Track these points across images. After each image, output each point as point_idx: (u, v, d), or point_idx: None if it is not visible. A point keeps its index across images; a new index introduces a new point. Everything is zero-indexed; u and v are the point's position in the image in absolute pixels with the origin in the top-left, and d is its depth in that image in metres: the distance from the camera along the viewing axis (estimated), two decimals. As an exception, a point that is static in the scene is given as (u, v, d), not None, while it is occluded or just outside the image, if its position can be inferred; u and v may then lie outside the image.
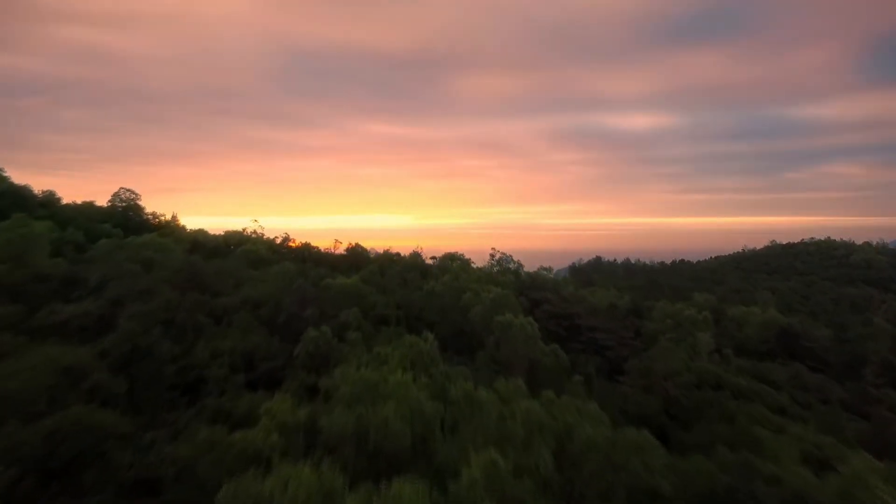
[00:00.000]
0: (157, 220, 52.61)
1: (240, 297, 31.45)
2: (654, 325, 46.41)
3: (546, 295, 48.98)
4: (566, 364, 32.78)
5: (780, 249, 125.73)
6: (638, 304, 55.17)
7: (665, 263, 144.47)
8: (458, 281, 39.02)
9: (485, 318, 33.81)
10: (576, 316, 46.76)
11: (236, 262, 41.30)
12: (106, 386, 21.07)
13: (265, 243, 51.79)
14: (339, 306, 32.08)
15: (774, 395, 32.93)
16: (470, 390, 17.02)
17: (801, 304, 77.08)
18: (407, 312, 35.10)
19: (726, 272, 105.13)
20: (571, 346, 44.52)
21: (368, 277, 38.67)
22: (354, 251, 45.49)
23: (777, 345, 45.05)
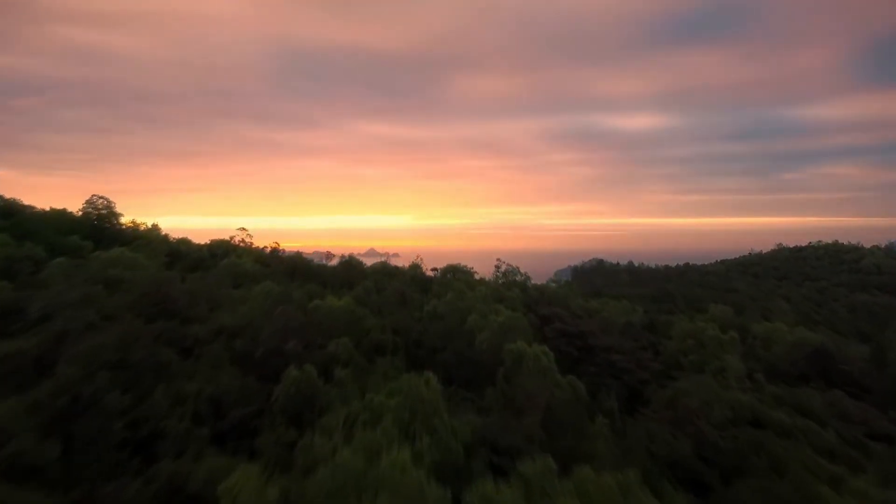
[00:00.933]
0: (137, 228, 48.30)
1: (214, 325, 27.21)
2: (673, 345, 42.21)
3: (556, 311, 44.82)
4: (585, 399, 28.66)
5: (788, 253, 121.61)
6: (653, 318, 50.98)
7: (669, 267, 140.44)
8: (463, 300, 34.79)
9: (493, 346, 29.63)
10: (589, 335, 42.64)
11: (218, 278, 37.04)
12: (32, 452, 16.89)
13: (253, 253, 47.55)
14: (328, 334, 27.88)
15: (821, 434, 28.89)
16: (490, 495, 12.78)
17: (816, 312, 73.01)
18: (405, 338, 30.90)
19: (734, 277, 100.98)
20: (585, 368, 40.32)
21: (362, 296, 34.46)
22: (348, 264, 41.24)
23: (809, 367, 40.90)
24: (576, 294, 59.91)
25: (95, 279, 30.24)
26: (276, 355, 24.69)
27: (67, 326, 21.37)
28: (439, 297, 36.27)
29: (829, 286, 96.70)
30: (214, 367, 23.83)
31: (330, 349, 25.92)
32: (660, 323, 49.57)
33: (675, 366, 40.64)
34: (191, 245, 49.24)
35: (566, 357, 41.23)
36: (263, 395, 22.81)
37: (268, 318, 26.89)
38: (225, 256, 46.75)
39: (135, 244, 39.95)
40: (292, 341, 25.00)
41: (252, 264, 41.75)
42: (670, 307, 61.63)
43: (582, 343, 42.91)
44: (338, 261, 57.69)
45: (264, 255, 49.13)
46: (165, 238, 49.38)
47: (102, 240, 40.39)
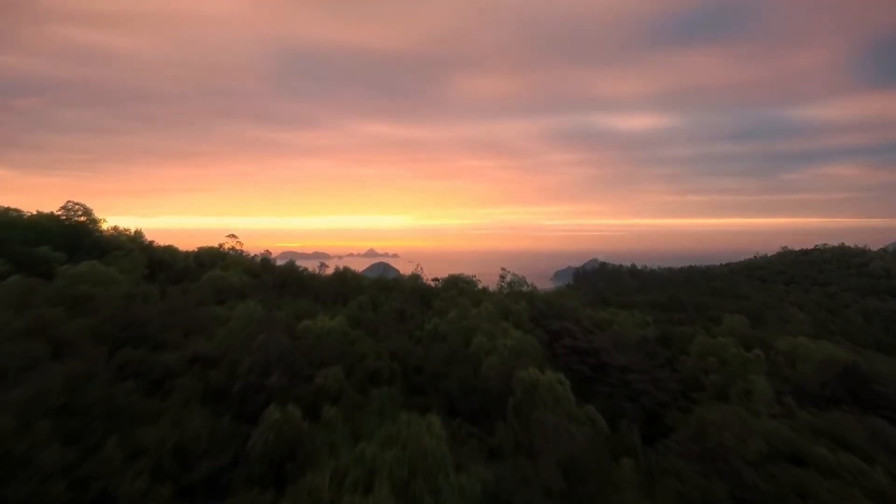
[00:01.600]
0: (120, 235, 44.90)
1: (188, 353, 23.88)
2: (692, 362, 38.93)
3: (566, 325, 41.59)
4: (606, 432, 25.43)
5: (794, 256, 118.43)
6: (667, 331, 47.74)
7: (673, 270, 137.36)
8: (467, 318, 31.50)
9: (502, 373, 26.35)
10: (602, 352, 39.46)
11: (200, 293, 33.70)
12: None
13: (243, 263, 44.19)
14: (317, 362, 24.59)
15: (870, 473, 25.74)
16: None
17: (831, 321, 69.84)
18: (404, 363, 27.59)
19: (741, 281, 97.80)
20: (599, 389, 37.08)
21: (357, 314, 31.16)
22: (343, 276, 37.84)
23: (840, 388, 37.71)
24: (583, 304, 56.64)
25: (57, 299, 26.93)
26: (256, 391, 21.40)
27: (4, 364, 18.04)
28: (441, 314, 32.97)
29: (839, 291, 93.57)
30: (184, 406, 20.50)
31: (318, 381, 22.62)
32: (675, 336, 46.34)
33: (694, 386, 37.41)
34: (176, 254, 45.89)
35: (578, 376, 37.96)
36: (239, 440, 19.51)
37: (249, 344, 23.57)
38: (212, 266, 43.42)
39: (112, 255, 36.57)
40: (275, 374, 21.70)
41: (240, 276, 38.40)
42: (682, 317, 58.43)
43: (595, 361, 39.65)
44: (334, 266, 54.65)
45: (255, 263, 45.79)
46: (150, 246, 46.00)
47: (79, 250, 37.03)
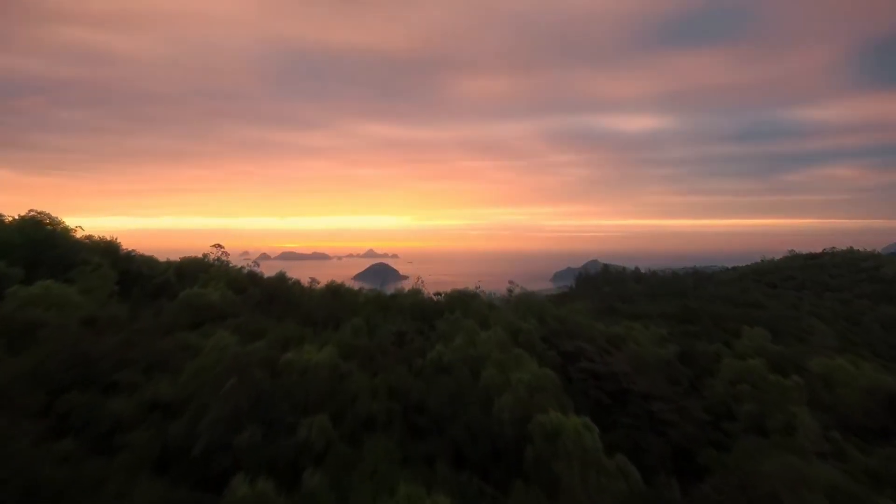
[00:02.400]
0: (94, 246, 40.78)
1: (146, 397, 19.86)
2: (721, 387, 34.97)
3: (581, 346, 37.68)
4: (641, 488, 21.54)
5: (803, 261, 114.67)
6: (687, 348, 43.81)
7: (678, 274, 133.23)
8: (475, 345, 27.53)
9: (518, 415, 22.40)
10: (622, 376, 35.60)
11: (173, 316, 29.67)
12: None
13: (227, 276, 40.14)
14: (301, 404, 20.60)
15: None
16: None
17: (852, 332, 65.98)
18: (404, 402, 23.59)
19: (752, 287, 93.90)
20: (620, 419, 33.07)
21: (350, 341, 27.17)
22: (336, 292, 33.74)
23: (888, 418, 33.94)
24: (591, 311, 52.66)
25: (6, 328, 22.94)
26: (222, 451, 17.40)
27: None
28: (445, 339, 28.97)
29: (853, 298, 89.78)
30: (133, 472, 16.48)
31: (300, 434, 18.61)
32: (696, 354, 42.47)
33: (725, 414, 33.58)
34: (155, 266, 41.84)
35: (596, 404, 34.06)
36: (198, 519, 15.58)
37: (220, 386, 19.55)
38: (194, 280, 39.38)
39: (78, 270, 32.50)
40: (247, 429, 17.70)
41: (223, 292, 34.36)
42: (697, 329, 54.50)
43: (614, 386, 35.63)
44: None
45: (240, 277, 41.75)
46: (127, 256, 41.90)
47: (40, 265, 32.98)
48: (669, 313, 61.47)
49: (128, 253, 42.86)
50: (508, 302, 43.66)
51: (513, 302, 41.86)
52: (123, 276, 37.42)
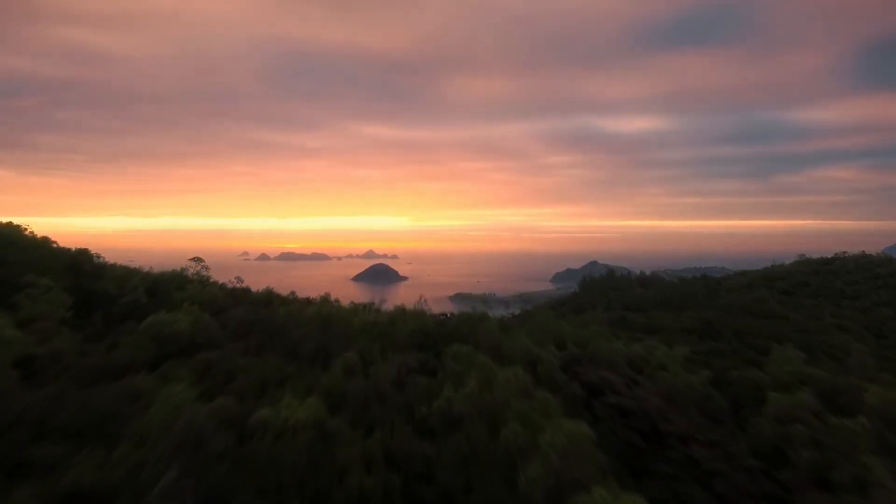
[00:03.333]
0: (54, 256, 35.71)
1: (64, 484, 14.81)
2: (770, 429, 30.03)
3: (606, 376, 32.78)
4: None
5: (815, 266, 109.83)
6: (722, 376, 38.90)
7: (685, 279, 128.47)
8: (491, 389, 22.55)
9: (552, 492, 17.50)
10: (656, 414, 30.67)
11: (133, 350, 24.62)
12: None
13: (204, 295, 35.11)
14: (272, 488, 15.62)
15: None
16: None
17: (882, 347, 61.18)
18: (405, 470, 18.62)
19: (766, 295, 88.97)
20: (658, 467, 28.21)
21: (341, 385, 22.21)
22: (327, 321, 28.45)
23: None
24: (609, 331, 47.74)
25: None
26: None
27: None
28: (454, 379, 24.01)
29: (872, 306, 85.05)
30: None
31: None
32: (732, 382, 37.63)
33: (778, 461, 28.73)
34: (125, 282, 36.80)
35: (627, 447, 29.16)
36: None
37: (162, 466, 14.53)
38: (168, 299, 34.40)
39: (24, 294, 27.41)
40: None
41: (195, 317, 29.30)
42: (723, 348, 49.69)
43: (647, 426, 30.76)
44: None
45: (222, 294, 36.74)
46: (95, 270, 36.84)
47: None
48: (688, 327, 56.68)
49: (96, 267, 37.85)
50: (521, 321, 38.71)
51: (527, 323, 36.91)
52: (85, 297, 32.43)
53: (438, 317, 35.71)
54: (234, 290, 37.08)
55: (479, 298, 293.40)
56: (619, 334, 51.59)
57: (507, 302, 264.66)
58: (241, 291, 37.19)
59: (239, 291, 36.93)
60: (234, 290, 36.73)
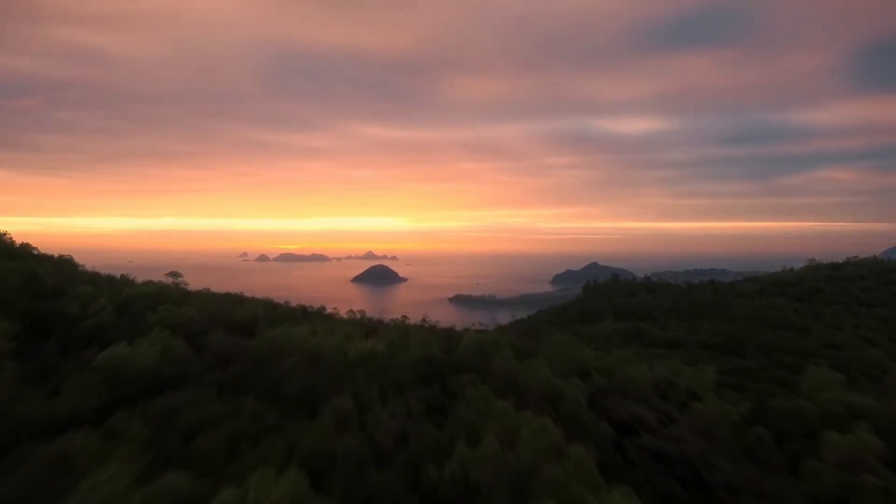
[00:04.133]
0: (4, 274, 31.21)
1: None
2: (832, 478, 25.66)
3: (638, 412, 28.45)
4: None
5: (827, 271, 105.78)
6: (762, 406, 34.59)
7: (692, 284, 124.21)
8: (514, 447, 18.18)
9: None
10: (698, 460, 26.32)
11: (79, 394, 20.16)
12: None
13: (183, 316, 30.66)
14: None
15: None
16: None
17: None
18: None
19: (781, 303, 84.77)
20: (703, 528, 23.99)
21: (329, 447, 17.82)
22: (314, 360, 23.63)
23: None
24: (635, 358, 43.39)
25: None
26: None
27: None
28: (469, 432, 19.61)
29: (891, 315, 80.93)
30: None
31: None
32: (775, 414, 33.31)
33: (843, 516, 24.52)
34: (95, 297, 32.38)
35: (666, 499, 24.94)
36: None
37: None
38: (139, 321, 30.01)
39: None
40: None
41: (163, 347, 24.86)
42: (751, 367, 45.44)
43: (688, 473, 26.51)
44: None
45: (205, 310, 32.32)
46: (55, 289, 32.38)
47: None
48: (708, 341, 52.43)
49: (58, 282, 33.42)
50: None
51: (545, 345, 32.58)
52: (39, 320, 28.00)
53: (444, 336, 31.32)
54: (216, 310, 32.63)
55: (480, 300, 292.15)
56: (640, 352, 47.31)
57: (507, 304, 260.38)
58: (223, 313, 32.72)
59: (219, 314, 32.46)
60: (214, 312, 32.24)
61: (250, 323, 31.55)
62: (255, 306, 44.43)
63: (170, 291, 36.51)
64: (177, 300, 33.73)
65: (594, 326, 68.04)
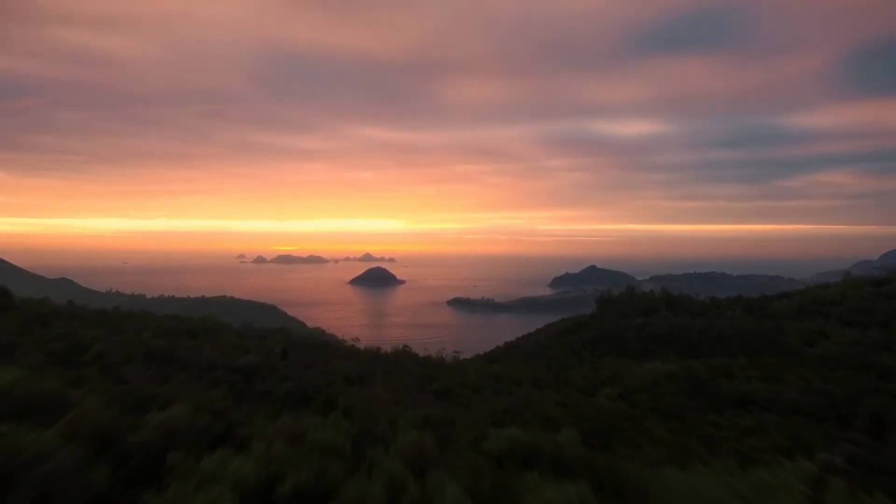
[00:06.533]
0: None
1: None
2: None
3: None
4: None
5: (870, 287, 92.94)
6: None
7: (718, 299, 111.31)
8: None
9: None
10: None
11: None
12: None
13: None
14: None
15: None
16: None
17: None
18: None
19: (821, 323, 71.84)
20: None
21: None
22: None
23: None
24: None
25: None
26: None
27: None
28: None
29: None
30: None
31: None
32: None
33: None
34: None
35: None
36: None
37: None
38: None
39: None
40: None
41: None
42: (875, 458, 32.57)
43: None
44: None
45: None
46: None
47: None
48: (801, 403, 39.27)
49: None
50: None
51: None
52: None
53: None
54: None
55: (479, 303, 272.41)
56: (716, 422, 34.07)
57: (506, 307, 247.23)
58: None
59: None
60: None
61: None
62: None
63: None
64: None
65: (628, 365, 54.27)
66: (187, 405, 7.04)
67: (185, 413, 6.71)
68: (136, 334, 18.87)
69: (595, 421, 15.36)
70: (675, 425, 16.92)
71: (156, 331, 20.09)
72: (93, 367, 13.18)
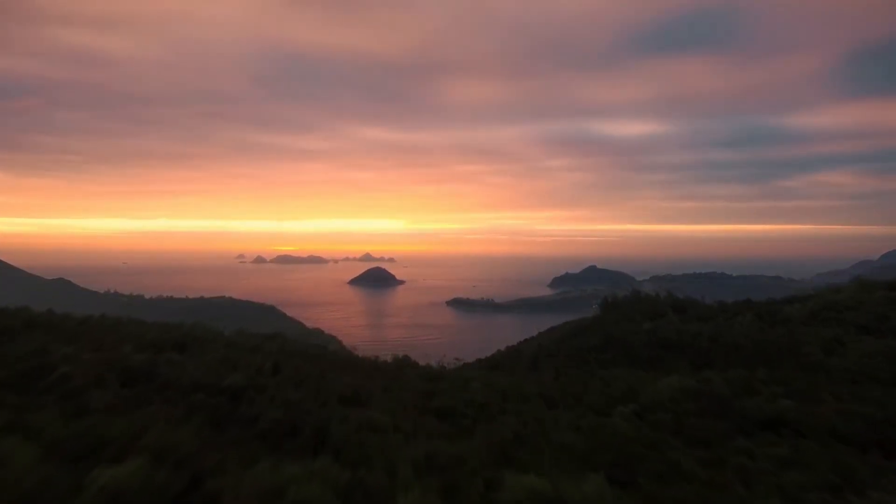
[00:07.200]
0: None
1: None
2: None
3: None
4: None
5: (885, 292, 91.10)
6: None
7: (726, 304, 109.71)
8: None
9: None
10: None
11: None
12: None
13: None
14: None
15: None
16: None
17: None
18: None
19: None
20: None
21: None
22: None
23: None
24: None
25: None
26: None
27: None
28: None
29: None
30: None
31: None
32: None
33: None
34: None
35: None
36: None
37: None
38: None
39: None
40: None
41: None
42: None
43: None
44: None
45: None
46: None
47: None
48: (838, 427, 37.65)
49: None
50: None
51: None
52: None
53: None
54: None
55: (478, 304, 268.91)
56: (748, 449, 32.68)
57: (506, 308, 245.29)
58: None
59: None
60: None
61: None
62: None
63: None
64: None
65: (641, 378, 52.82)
66: (145, 455, 5.64)
67: (139, 467, 5.32)
68: (115, 348, 17.47)
69: (617, 450, 13.89)
70: (702, 454, 15.35)
71: (138, 343, 18.72)
72: (52, 393, 11.79)
